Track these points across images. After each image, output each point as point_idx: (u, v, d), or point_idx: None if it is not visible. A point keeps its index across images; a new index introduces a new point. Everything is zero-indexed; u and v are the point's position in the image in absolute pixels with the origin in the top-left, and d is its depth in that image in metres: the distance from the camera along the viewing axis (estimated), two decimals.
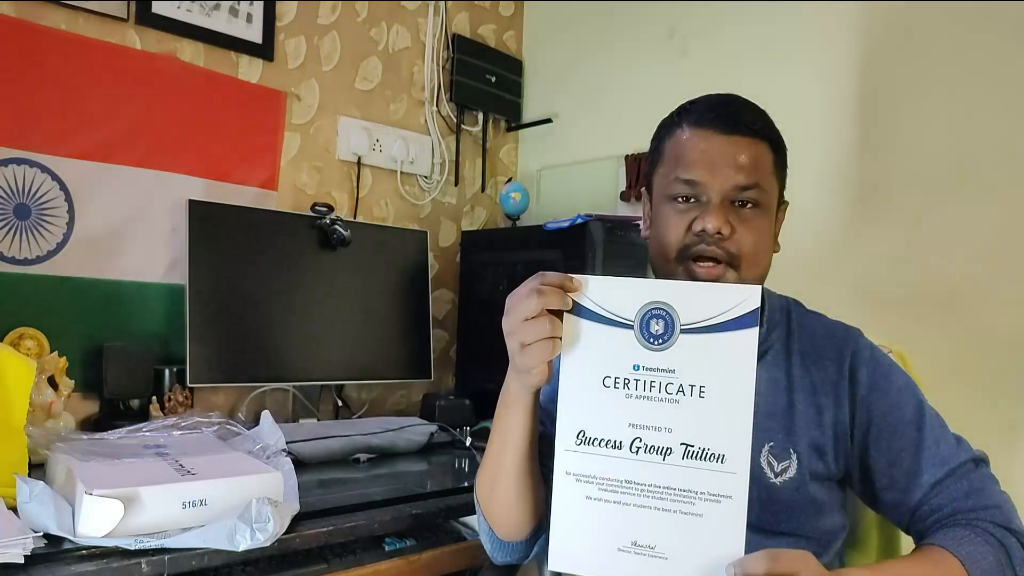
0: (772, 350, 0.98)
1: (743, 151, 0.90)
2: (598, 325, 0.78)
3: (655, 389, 0.77)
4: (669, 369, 0.76)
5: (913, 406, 0.95)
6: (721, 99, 0.95)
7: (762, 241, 0.92)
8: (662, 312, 0.77)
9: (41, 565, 0.89)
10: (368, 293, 1.84)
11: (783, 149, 0.97)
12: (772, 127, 0.95)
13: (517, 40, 2.38)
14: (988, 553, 0.84)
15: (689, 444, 0.76)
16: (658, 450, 0.76)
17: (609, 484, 0.77)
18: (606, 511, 0.77)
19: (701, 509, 0.76)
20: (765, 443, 0.94)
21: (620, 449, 0.77)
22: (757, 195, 0.91)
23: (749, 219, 0.91)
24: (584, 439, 0.78)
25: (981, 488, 0.90)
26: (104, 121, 1.57)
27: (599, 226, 1.75)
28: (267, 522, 0.98)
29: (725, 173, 0.90)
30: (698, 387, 0.76)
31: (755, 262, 0.92)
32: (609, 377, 0.78)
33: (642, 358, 0.77)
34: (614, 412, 0.77)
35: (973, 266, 1.46)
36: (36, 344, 1.44)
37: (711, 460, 0.75)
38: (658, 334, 0.77)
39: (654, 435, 0.77)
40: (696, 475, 0.76)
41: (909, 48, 1.56)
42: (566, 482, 0.79)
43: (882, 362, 0.98)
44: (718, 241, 0.89)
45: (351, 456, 1.50)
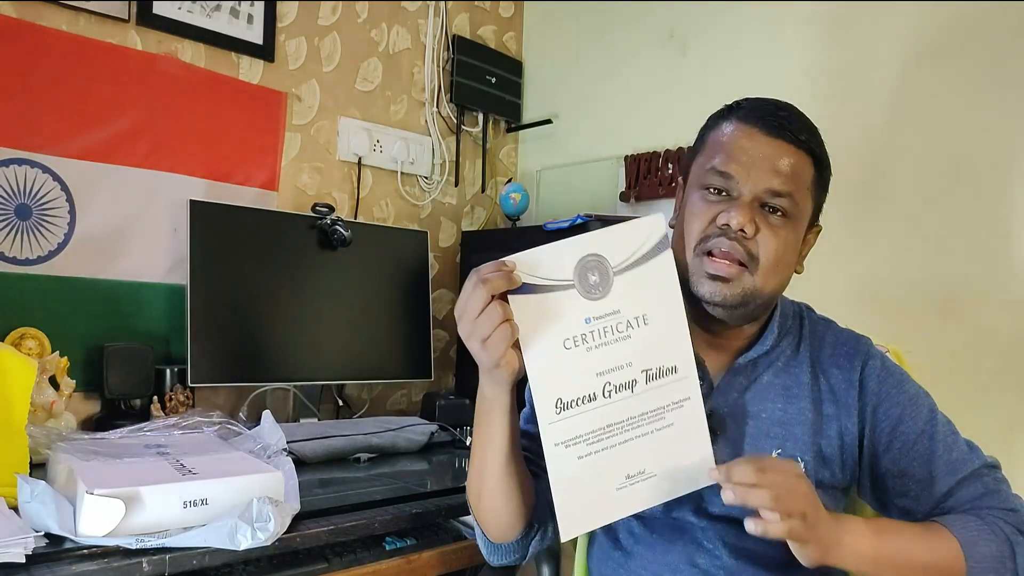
0: (783, 357, 0.98)
1: (784, 156, 0.89)
2: (542, 295, 0.80)
3: (608, 333, 0.81)
4: (615, 311, 0.81)
5: (924, 415, 0.94)
6: (775, 103, 0.94)
7: (785, 252, 0.90)
8: (594, 263, 0.81)
9: (42, 564, 0.89)
10: (368, 293, 1.85)
11: (827, 170, 0.95)
12: (820, 144, 0.93)
13: (517, 41, 2.39)
14: (991, 542, 0.84)
15: (647, 368, 0.82)
16: (626, 385, 0.82)
17: (595, 436, 0.81)
18: (599, 461, 0.81)
19: (671, 419, 0.83)
20: (773, 450, 0.94)
21: (595, 400, 0.81)
22: (789, 205, 0.90)
23: (776, 226, 0.90)
24: (563, 405, 0.80)
25: (996, 490, 0.91)
26: (105, 121, 1.57)
27: (599, 226, 1.74)
28: (268, 521, 0.98)
29: (761, 173, 0.89)
30: (641, 316, 0.82)
31: (773, 272, 0.90)
32: (568, 339, 0.80)
33: (589, 310, 0.81)
34: (581, 369, 0.81)
35: (973, 266, 1.46)
36: (37, 344, 1.44)
37: (667, 375, 0.83)
38: (596, 284, 0.81)
39: (619, 374, 0.82)
40: (660, 393, 0.83)
41: (908, 48, 1.56)
42: (557, 453, 0.80)
43: (893, 372, 0.97)
44: (740, 239, 0.89)
45: (352, 456, 1.50)
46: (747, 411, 0.95)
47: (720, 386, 0.97)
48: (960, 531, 0.84)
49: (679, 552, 0.95)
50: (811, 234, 0.98)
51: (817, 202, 0.95)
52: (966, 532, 0.84)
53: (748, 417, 0.95)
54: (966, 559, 0.83)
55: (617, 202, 2.05)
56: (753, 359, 0.97)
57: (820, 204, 0.96)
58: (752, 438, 0.95)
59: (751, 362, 0.97)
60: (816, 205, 0.95)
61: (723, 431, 0.95)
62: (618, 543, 1.02)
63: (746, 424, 0.95)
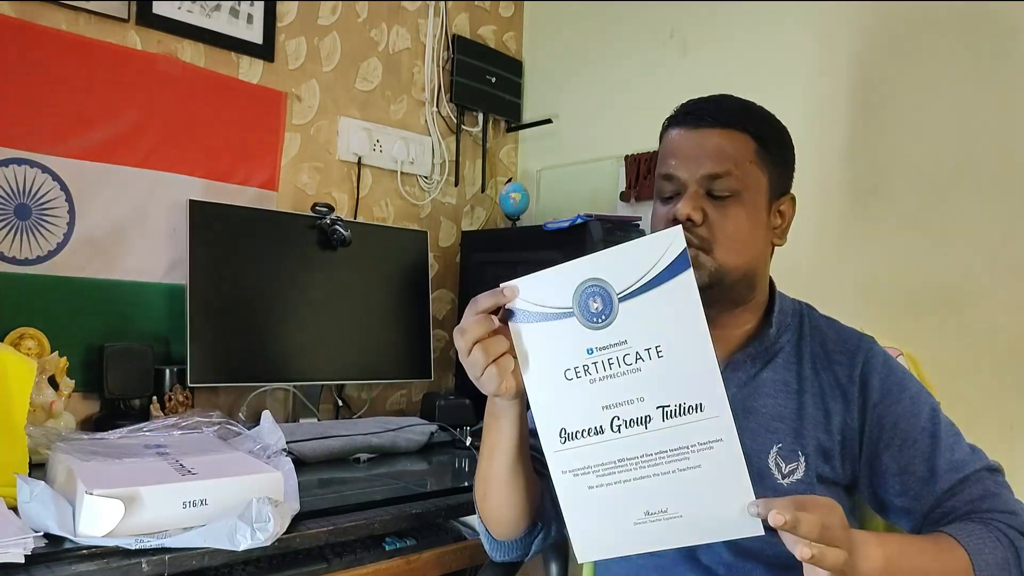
0: (783, 352, 0.98)
1: (711, 140, 0.93)
2: (541, 324, 0.78)
3: (614, 365, 0.76)
4: (620, 342, 0.76)
5: (927, 414, 0.94)
6: (702, 98, 0.98)
7: (739, 229, 0.92)
8: (596, 289, 0.76)
9: (42, 565, 0.89)
10: (368, 293, 1.84)
11: (774, 142, 0.96)
12: (754, 119, 0.96)
13: (517, 41, 2.39)
14: (996, 549, 0.84)
15: (664, 405, 0.75)
16: (638, 421, 0.76)
17: (604, 468, 0.77)
18: (611, 493, 0.77)
19: (697, 460, 0.75)
20: (773, 444, 0.94)
21: (603, 433, 0.77)
22: (731, 183, 0.92)
23: (726, 207, 0.92)
24: (567, 436, 0.78)
25: (997, 493, 0.90)
26: (105, 121, 1.57)
27: (599, 226, 1.75)
28: (267, 522, 0.98)
29: (695, 162, 0.93)
30: (653, 348, 0.75)
31: (733, 248, 0.92)
32: (568, 369, 0.77)
33: (591, 340, 0.76)
34: (584, 401, 0.77)
35: (973, 266, 1.46)
36: (37, 344, 1.44)
37: (690, 412, 0.75)
38: (598, 311, 0.76)
39: (629, 409, 0.76)
40: (682, 431, 0.75)
41: (908, 48, 1.56)
42: (564, 481, 0.79)
43: (895, 370, 0.97)
44: (690, 228, 0.91)
45: (351, 456, 1.50)
46: (747, 406, 0.96)
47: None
48: (966, 539, 0.84)
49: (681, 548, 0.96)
50: (785, 205, 0.99)
51: (772, 173, 0.96)
52: (972, 540, 0.84)
53: (748, 412, 0.96)
54: (973, 567, 0.83)
55: (617, 202, 2.05)
56: (752, 354, 0.97)
57: (778, 174, 0.97)
58: (752, 433, 0.95)
59: (750, 357, 0.98)
60: (773, 176, 0.96)
61: None
62: None
63: (746, 419, 0.95)
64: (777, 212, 0.98)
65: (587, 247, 1.75)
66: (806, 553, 0.70)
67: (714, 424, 0.74)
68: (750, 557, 0.94)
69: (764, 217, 0.96)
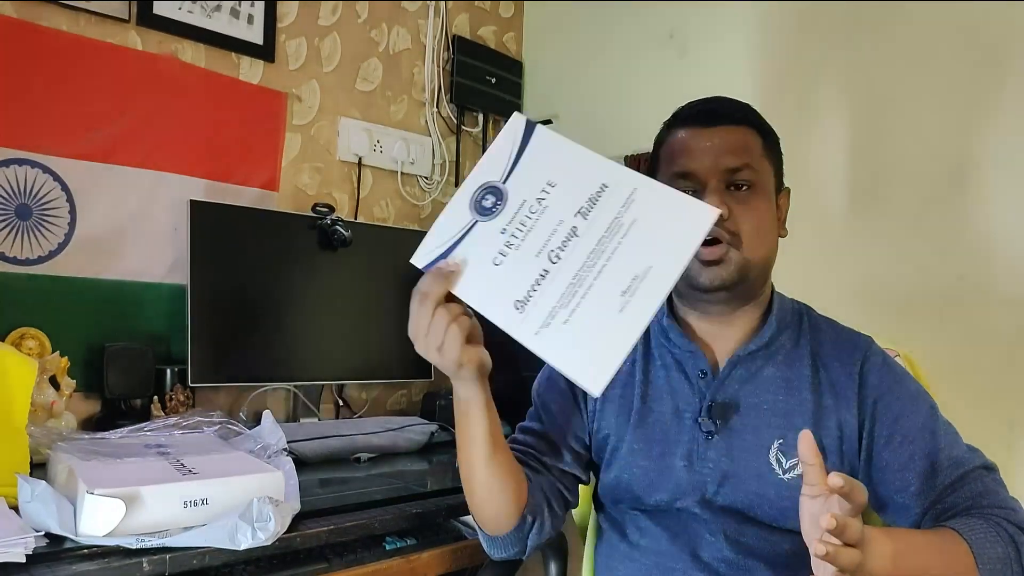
0: (783, 350, 0.99)
1: (727, 136, 0.96)
2: (458, 248, 0.83)
3: (525, 223, 0.82)
4: (520, 204, 0.82)
5: (926, 412, 0.95)
6: (702, 100, 1.02)
7: (763, 222, 0.96)
8: (481, 191, 0.84)
9: (43, 564, 0.90)
10: (369, 293, 1.85)
11: (772, 135, 1.01)
12: (756, 116, 1.00)
13: (517, 41, 2.39)
14: (998, 544, 0.84)
15: (578, 209, 0.81)
16: (567, 238, 0.80)
17: (566, 296, 0.78)
18: (585, 309, 0.78)
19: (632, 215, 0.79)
20: (774, 440, 0.95)
21: (548, 272, 0.79)
22: (750, 175, 0.95)
23: (747, 200, 0.95)
24: (521, 303, 0.79)
25: (996, 491, 0.91)
26: (105, 122, 1.57)
27: None
28: (268, 521, 0.98)
29: (715, 158, 0.95)
30: (546, 186, 0.82)
31: (757, 242, 0.95)
32: (495, 256, 0.81)
33: (498, 223, 0.82)
34: (519, 266, 0.80)
35: (973, 266, 1.46)
36: (38, 344, 1.44)
37: (601, 196, 0.81)
38: (493, 203, 0.83)
39: (554, 237, 0.80)
40: (603, 211, 0.80)
41: (908, 48, 1.56)
42: (542, 339, 0.78)
43: (894, 369, 0.98)
44: (720, 223, 0.92)
45: (352, 455, 1.51)
46: (748, 402, 0.97)
47: (721, 377, 0.98)
48: (969, 534, 0.84)
49: (682, 544, 0.97)
50: (782, 198, 1.02)
51: (776, 166, 1.00)
52: (975, 535, 0.84)
53: (749, 408, 0.97)
54: (977, 562, 0.83)
55: None
56: (752, 351, 0.98)
57: (779, 167, 1.01)
58: (754, 428, 0.96)
59: (751, 354, 0.98)
60: (776, 169, 1.00)
61: (724, 421, 0.96)
62: (625, 536, 1.03)
63: (747, 415, 0.96)
64: (778, 203, 1.01)
65: None
66: (821, 550, 0.70)
67: (622, 186, 0.80)
68: (751, 555, 0.94)
69: (774, 209, 0.99)
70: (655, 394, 1.02)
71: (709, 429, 0.97)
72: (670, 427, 0.99)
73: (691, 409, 0.99)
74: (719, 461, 0.96)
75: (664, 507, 0.98)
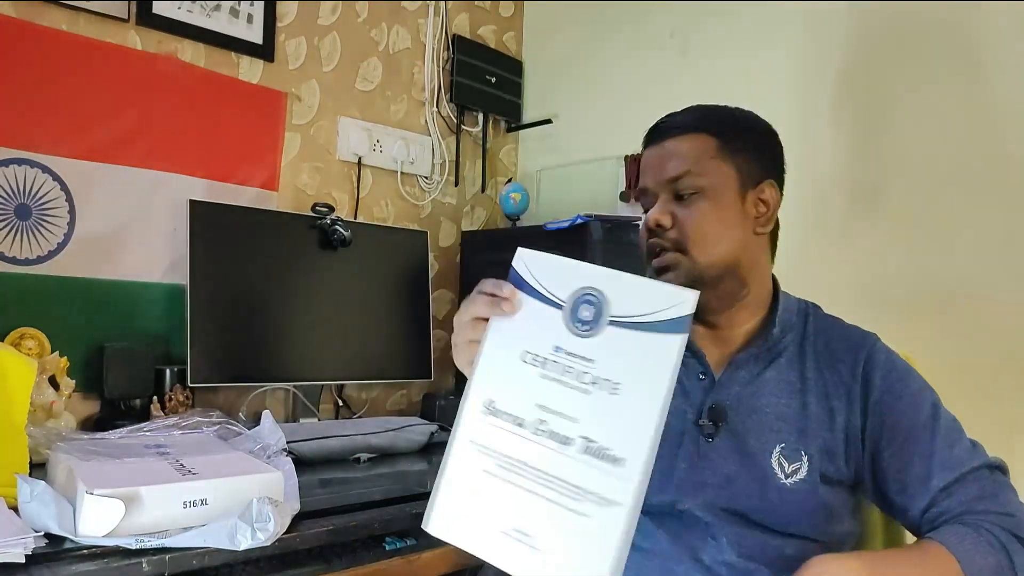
0: (786, 352, 0.98)
1: (671, 147, 0.97)
2: (531, 299, 0.79)
3: (570, 375, 0.75)
4: (588, 358, 0.75)
5: (927, 410, 0.94)
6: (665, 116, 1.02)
7: (707, 223, 0.95)
8: (593, 298, 0.76)
9: (42, 564, 0.90)
10: (369, 293, 1.84)
11: (737, 132, 0.97)
12: (712, 118, 0.98)
13: (517, 41, 2.39)
14: (988, 554, 0.83)
15: (590, 439, 0.72)
16: (559, 438, 0.73)
17: (508, 462, 0.75)
18: (500, 489, 0.75)
19: (587, 510, 0.71)
20: (776, 444, 0.94)
21: (523, 428, 0.75)
22: (693, 181, 0.95)
23: (691, 205, 0.95)
24: (492, 410, 0.77)
25: (994, 494, 0.89)
26: (105, 121, 1.57)
27: (599, 226, 1.75)
28: (268, 521, 0.98)
29: (658, 171, 0.98)
30: (612, 382, 0.73)
31: (705, 244, 0.94)
32: (529, 353, 0.77)
33: (565, 341, 0.76)
34: (526, 388, 0.76)
35: (973, 266, 1.46)
36: (37, 344, 1.44)
37: (608, 461, 0.71)
38: (586, 320, 0.76)
39: (559, 421, 0.74)
40: (590, 473, 0.71)
41: (908, 48, 1.56)
42: (467, 450, 0.77)
43: (898, 366, 0.97)
44: (661, 233, 0.96)
45: (351, 456, 1.50)
46: (749, 405, 0.96)
47: (721, 380, 0.98)
48: (956, 546, 0.83)
49: (684, 547, 0.96)
50: (766, 192, 0.98)
51: (742, 164, 0.96)
52: (962, 546, 0.83)
53: (751, 411, 0.96)
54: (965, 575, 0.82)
55: (617, 202, 2.05)
56: (755, 353, 0.98)
57: (755, 163, 0.97)
58: (755, 432, 0.95)
59: (753, 356, 0.98)
60: (743, 167, 0.96)
61: (725, 424, 0.96)
62: None
63: (749, 417, 0.96)
64: (758, 200, 0.97)
65: (587, 247, 1.75)
66: None
67: (622, 487, 0.70)
68: (753, 559, 0.94)
69: (737, 208, 0.96)
70: None
71: (709, 431, 0.97)
72: (671, 427, 0.99)
73: (692, 410, 0.99)
74: (720, 463, 0.96)
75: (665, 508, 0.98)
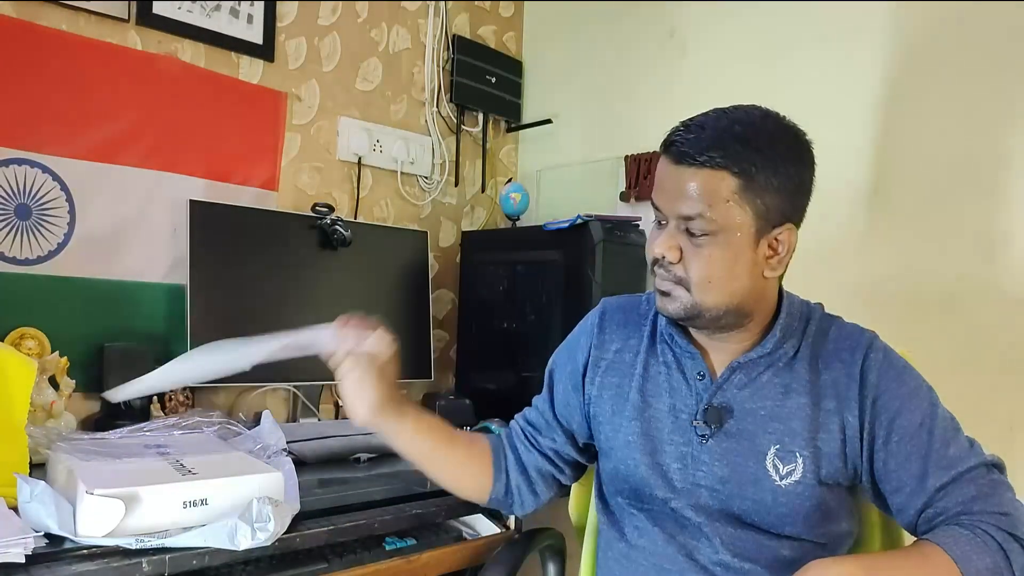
0: (785, 356, 0.98)
1: (688, 181, 0.90)
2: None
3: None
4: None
5: (924, 409, 0.93)
6: (689, 124, 0.92)
7: (713, 269, 0.91)
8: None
9: (42, 565, 0.90)
10: (369, 293, 1.84)
11: (764, 170, 0.89)
12: (740, 153, 0.88)
13: (517, 41, 2.39)
14: (985, 555, 0.83)
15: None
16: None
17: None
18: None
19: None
20: (771, 446, 0.94)
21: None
22: (705, 225, 0.89)
23: (700, 246, 0.91)
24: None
25: (990, 493, 0.89)
26: (105, 121, 1.57)
27: (599, 226, 1.75)
28: (268, 521, 0.98)
29: (673, 201, 0.92)
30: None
31: (707, 288, 0.91)
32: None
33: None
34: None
35: (973, 266, 1.46)
36: (37, 344, 1.44)
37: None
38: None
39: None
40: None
41: (910, 49, 1.56)
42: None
43: (895, 364, 0.96)
44: (667, 266, 0.94)
45: (352, 456, 1.50)
46: (745, 407, 0.96)
47: (719, 382, 0.98)
48: (953, 548, 0.83)
49: (678, 546, 0.97)
50: (781, 235, 0.92)
51: (761, 206, 0.89)
52: (959, 548, 0.83)
53: (746, 413, 0.96)
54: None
55: (617, 202, 2.05)
56: (753, 358, 0.97)
57: (778, 203, 0.90)
58: (750, 433, 0.95)
59: (751, 361, 0.98)
60: (761, 209, 0.90)
61: (720, 425, 0.96)
62: (623, 536, 1.03)
63: (744, 419, 0.96)
64: (775, 240, 0.92)
65: (587, 247, 1.75)
66: None
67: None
68: (748, 560, 0.94)
69: (749, 254, 0.91)
70: (654, 390, 1.02)
71: (704, 432, 0.97)
72: (664, 424, 1.00)
73: (687, 410, 0.99)
74: (713, 465, 0.96)
75: (660, 506, 0.98)
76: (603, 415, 1.05)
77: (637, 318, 1.09)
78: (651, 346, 1.05)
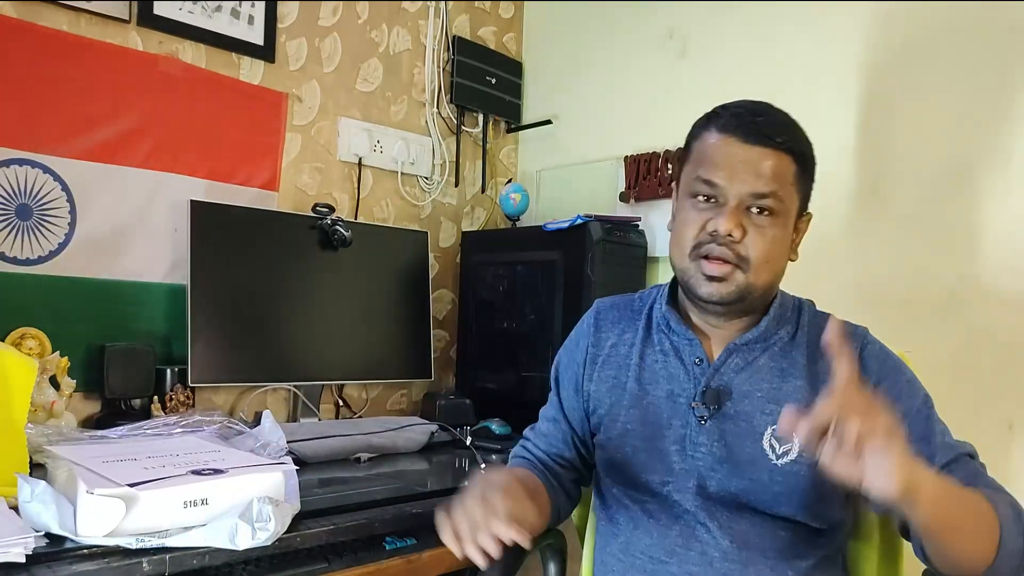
0: (780, 343, 1.00)
1: (764, 160, 0.93)
2: None
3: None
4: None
5: (921, 398, 0.96)
6: (751, 108, 0.97)
7: (773, 249, 0.95)
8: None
9: (42, 564, 0.90)
10: (369, 293, 1.85)
11: (810, 162, 0.98)
12: (800, 140, 0.97)
13: (517, 42, 2.39)
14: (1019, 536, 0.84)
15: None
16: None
17: None
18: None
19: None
20: (768, 426, 0.96)
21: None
22: (773, 203, 0.94)
23: (763, 225, 0.94)
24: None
25: (984, 474, 0.92)
26: (106, 122, 1.57)
27: (598, 227, 1.76)
28: (268, 521, 0.98)
29: (744, 179, 0.93)
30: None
31: (764, 268, 0.95)
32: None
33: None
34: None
35: (972, 266, 1.46)
36: (38, 344, 1.44)
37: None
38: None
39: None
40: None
41: (908, 49, 1.56)
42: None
43: (891, 356, 1.00)
44: (729, 243, 0.93)
45: (352, 455, 1.51)
46: (742, 389, 0.98)
47: (716, 365, 1.00)
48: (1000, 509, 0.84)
49: (677, 535, 0.98)
50: (802, 222, 1.01)
51: (803, 193, 0.98)
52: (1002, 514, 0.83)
53: (743, 395, 0.98)
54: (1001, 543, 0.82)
55: (617, 202, 2.05)
56: (749, 340, 1.00)
57: (807, 194, 1.00)
58: (747, 415, 0.97)
59: (747, 344, 1.00)
60: (803, 196, 0.99)
61: (718, 406, 0.98)
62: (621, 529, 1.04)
63: (741, 401, 0.98)
64: (798, 226, 1.00)
65: (586, 247, 1.75)
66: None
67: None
68: (746, 544, 0.95)
69: (790, 236, 0.98)
70: (651, 378, 1.04)
71: (702, 414, 0.98)
72: (663, 410, 1.01)
73: (685, 394, 1.00)
74: (711, 447, 0.97)
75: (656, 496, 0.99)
76: (602, 408, 1.07)
77: (631, 314, 1.11)
78: (647, 337, 1.06)
